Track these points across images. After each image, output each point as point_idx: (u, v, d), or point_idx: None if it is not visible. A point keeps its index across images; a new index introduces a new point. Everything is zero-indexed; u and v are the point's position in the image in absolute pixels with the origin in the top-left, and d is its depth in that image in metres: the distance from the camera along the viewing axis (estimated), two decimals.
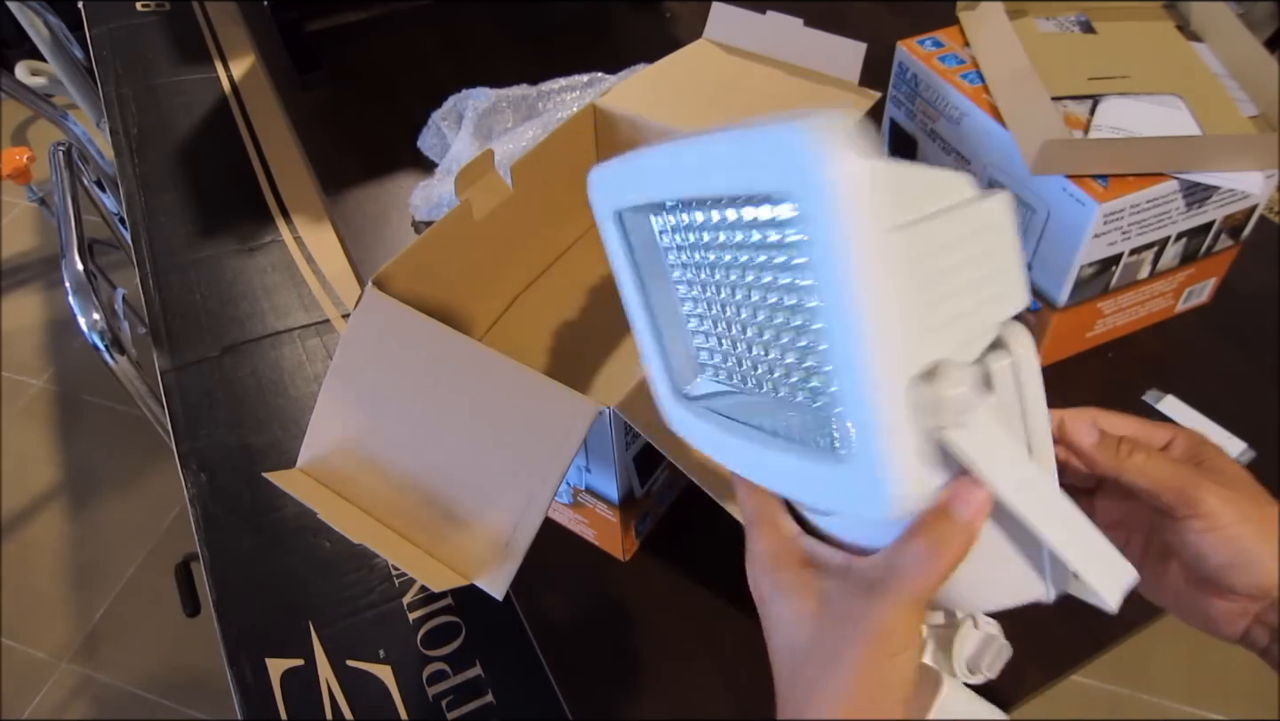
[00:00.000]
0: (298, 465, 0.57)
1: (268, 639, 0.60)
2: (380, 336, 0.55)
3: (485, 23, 1.15)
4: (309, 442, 0.57)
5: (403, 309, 0.55)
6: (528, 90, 0.94)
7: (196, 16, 1.16)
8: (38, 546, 1.57)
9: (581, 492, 0.59)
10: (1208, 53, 0.74)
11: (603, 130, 0.72)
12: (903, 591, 0.32)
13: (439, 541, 0.51)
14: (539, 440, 0.49)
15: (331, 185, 0.93)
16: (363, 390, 0.56)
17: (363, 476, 0.54)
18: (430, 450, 0.53)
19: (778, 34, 0.73)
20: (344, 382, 0.56)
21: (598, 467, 0.56)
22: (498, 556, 0.49)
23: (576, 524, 0.64)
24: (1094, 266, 0.68)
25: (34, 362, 1.85)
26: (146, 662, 1.42)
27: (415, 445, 0.53)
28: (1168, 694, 1.34)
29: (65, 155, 1.07)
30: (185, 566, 1.10)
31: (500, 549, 0.50)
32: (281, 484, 0.53)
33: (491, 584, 0.49)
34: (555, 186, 0.71)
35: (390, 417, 0.54)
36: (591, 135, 0.73)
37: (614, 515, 0.58)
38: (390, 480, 0.53)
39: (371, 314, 0.56)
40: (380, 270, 0.56)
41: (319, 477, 0.56)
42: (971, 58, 0.76)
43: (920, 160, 0.80)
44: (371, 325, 0.56)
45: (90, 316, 0.86)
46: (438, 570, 0.50)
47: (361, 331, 0.56)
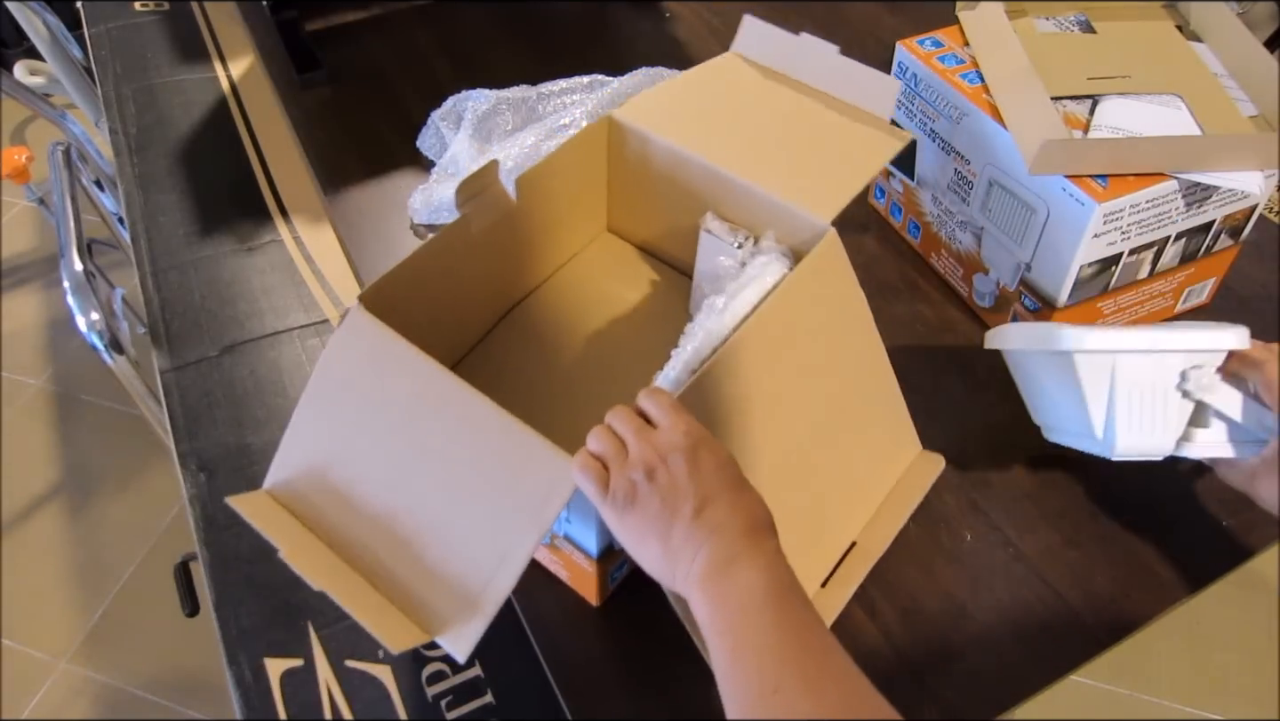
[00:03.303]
0: (265, 486, 0.54)
1: (267, 639, 0.60)
2: (362, 360, 0.53)
3: (485, 23, 1.15)
4: (279, 463, 0.54)
5: (388, 334, 0.52)
6: (527, 91, 0.94)
7: (195, 16, 1.16)
8: (37, 546, 1.57)
9: (559, 538, 0.58)
10: (1207, 53, 0.74)
11: (615, 144, 0.70)
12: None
13: (403, 590, 0.49)
14: (518, 497, 0.47)
15: (331, 185, 0.93)
16: (339, 414, 0.53)
17: (331, 507, 0.52)
18: (404, 489, 0.50)
19: (810, 58, 0.69)
20: (320, 404, 0.53)
21: (579, 520, 0.54)
22: (465, 613, 0.47)
23: (551, 564, 0.62)
24: (1094, 266, 0.68)
25: (33, 362, 1.84)
26: (146, 662, 1.42)
27: (388, 481, 0.51)
28: (1168, 694, 1.34)
29: (64, 155, 1.07)
30: (184, 566, 1.10)
31: (468, 605, 0.47)
32: (245, 511, 0.51)
33: (456, 642, 0.47)
34: (560, 199, 0.69)
35: (365, 448, 0.52)
36: (604, 148, 0.71)
37: (591, 566, 0.57)
38: (359, 514, 0.51)
39: (355, 335, 0.53)
40: (369, 286, 0.54)
41: (285, 503, 0.53)
42: (971, 57, 0.75)
43: (918, 159, 0.80)
44: (354, 347, 0.53)
45: (89, 316, 0.86)
46: (398, 625, 0.48)
47: (343, 352, 0.53)
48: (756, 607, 0.42)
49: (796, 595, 0.43)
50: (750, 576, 0.43)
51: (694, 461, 0.45)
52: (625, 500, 0.45)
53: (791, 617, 0.42)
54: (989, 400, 0.72)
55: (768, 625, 0.42)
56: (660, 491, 0.45)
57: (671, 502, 0.44)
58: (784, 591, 0.43)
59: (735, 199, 0.65)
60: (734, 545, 0.44)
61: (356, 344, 0.53)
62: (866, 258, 0.86)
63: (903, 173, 0.83)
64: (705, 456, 0.46)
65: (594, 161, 0.71)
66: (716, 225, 0.65)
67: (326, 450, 0.53)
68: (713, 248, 0.66)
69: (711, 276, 0.66)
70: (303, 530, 0.52)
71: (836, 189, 0.61)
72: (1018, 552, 0.64)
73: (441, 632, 0.48)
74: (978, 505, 0.67)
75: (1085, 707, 1.32)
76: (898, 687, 0.52)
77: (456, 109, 0.95)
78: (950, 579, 0.63)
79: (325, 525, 0.52)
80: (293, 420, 0.54)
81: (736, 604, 0.42)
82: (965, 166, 0.74)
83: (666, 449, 0.46)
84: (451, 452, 0.49)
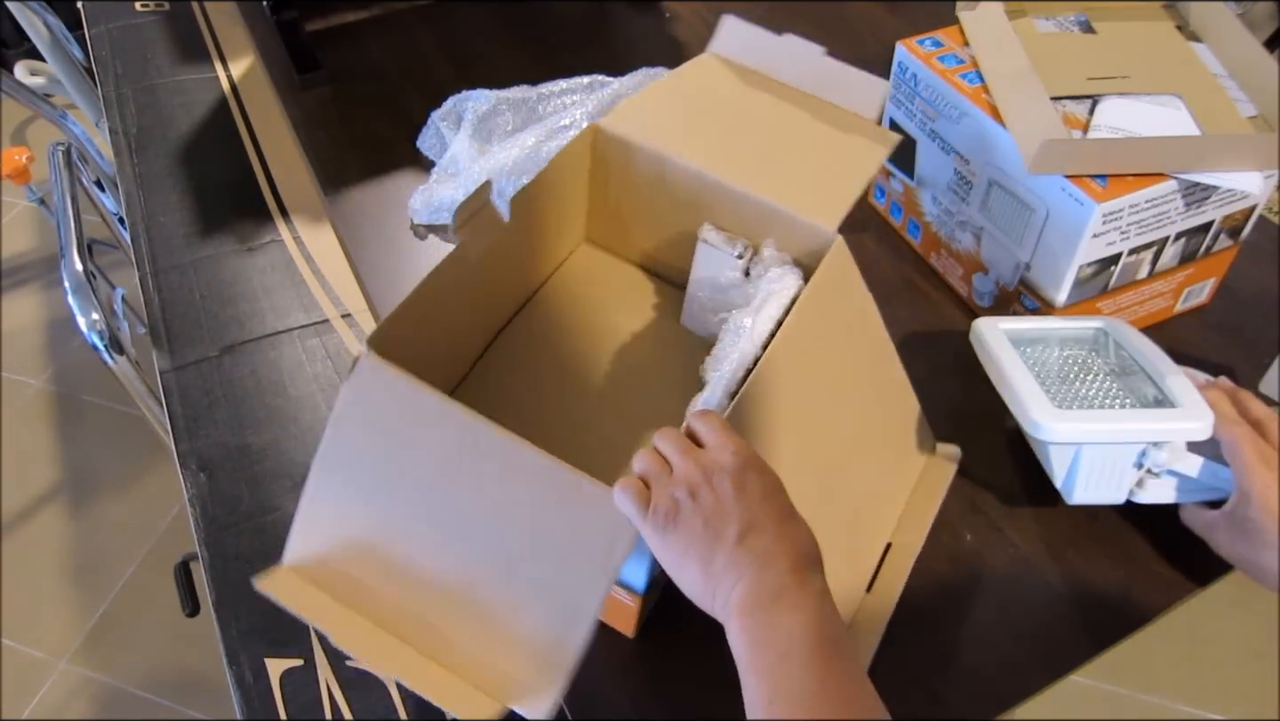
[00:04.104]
0: (284, 561, 0.50)
1: (267, 639, 0.60)
2: (381, 411, 0.49)
3: (485, 23, 1.15)
4: (299, 534, 0.50)
5: (408, 381, 0.48)
6: (528, 92, 0.94)
7: (196, 16, 1.16)
8: (37, 546, 1.57)
9: None
10: (1207, 53, 0.74)
11: (599, 152, 0.68)
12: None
13: (466, 657, 0.45)
14: (580, 545, 0.44)
15: (331, 185, 0.93)
16: (363, 474, 0.49)
17: (369, 577, 0.48)
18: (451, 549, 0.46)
19: (794, 59, 0.67)
20: (340, 464, 0.49)
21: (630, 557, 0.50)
22: (541, 675, 0.44)
23: None
24: (1093, 266, 0.68)
25: (34, 362, 1.84)
26: (146, 662, 1.42)
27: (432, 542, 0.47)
28: (1168, 694, 1.34)
29: (64, 155, 1.07)
30: (185, 566, 1.10)
31: (543, 666, 0.44)
32: (277, 594, 0.47)
33: (534, 706, 0.44)
34: (549, 215, 0.67)
35: (400, 507, 0.48)
36: (588, 157, 0.68)
37: (634, 601, 0.55)
38: (403, 581, 0.47)
39: (369, 385, 0.48)
40: (376, 331, 0.51)
41: (313, 579, 0.49)
42: (971, 57, 0.75)
43: (918, 158, 0.80)
44: (370, 398, 0.49)
45: (89, 316, 0.86)
46: (467, 695, 0.44)
47: (359, 405, 0.49)
48: (798, 657, 0.40)
49: (841, 645, 0.41)
50: (794, 620, 0.41)
51: (741, 483, 0.44)
52: (666, 518, 0.43)
53: (834, 671, 0.40)
54: (989, 400, 0.72)
55: (809, 678, 0.40)
56: (704, 511, 0.43)
57: (715, 524, 0.43)
58: (828, 641, 0.41)
59: (729, 206, 0.63)
60: (780, 579, 0.42)
61: (372, 394, 0.49)
62: (866, 257, 0.85)
63: (902, 172, 0.83)
64: (753, 479, 0.44)
65: (579, 172, 0.69)
66: (714, 235, 0.64)
67: (355, 514, 0.49)
68: (711, 258, 0.65)
69: (713, 287, 0.65)
70: (343, 607, 0.48)
71: (837, 194, 0.60)
72: (1018, 553, 0.64)
73: (519, 699, 0.44)
74: (978, 505, 0.67)
75: (1085, 707, 1.32)
76: (898, 687, 0.52)
77: (456, 109, 0.95)
78: (951, 579, 0.63)
79: (365, 597, 0.48)
80: (309, 484, 0.50)
81: (777, 650, 0.40)
82: (965, 166, 0.74)
83: (713, 468, 0.44)
84: (499, 505, 0.46)
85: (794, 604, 0.41)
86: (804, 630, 0.41)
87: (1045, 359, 0.66)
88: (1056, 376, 0.64)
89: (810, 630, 0.41)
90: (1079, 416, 0.59)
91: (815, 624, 0.41)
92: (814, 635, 0.40)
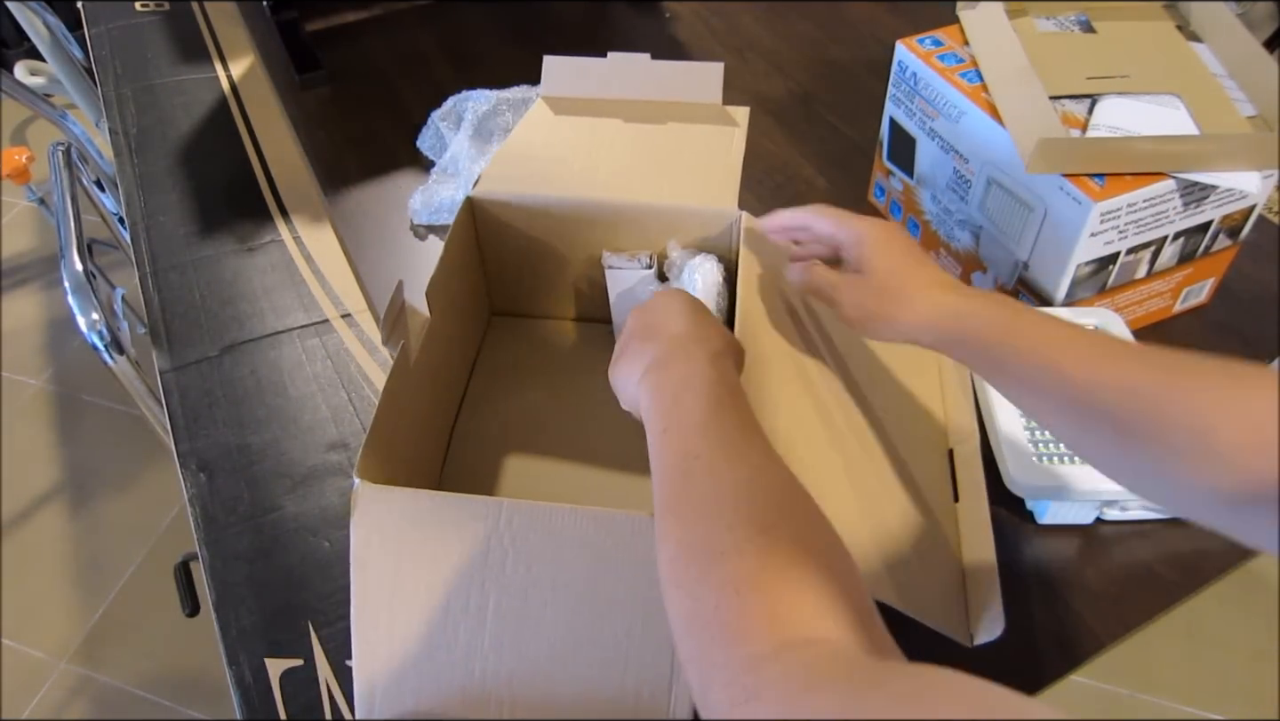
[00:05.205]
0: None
1: (267, 639, 0.60)
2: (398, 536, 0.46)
3: (485, 23, 1.15)
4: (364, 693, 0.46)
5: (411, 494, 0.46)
6: (528, 92, 0.94)
7: (196, 16, 1.16)
8: (37, 546, 1.57)
9: None
10: (1207, 53, 0.74)
11: (481, 221, 0.67)
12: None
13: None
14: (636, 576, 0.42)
15: (331, 185, 0.93)
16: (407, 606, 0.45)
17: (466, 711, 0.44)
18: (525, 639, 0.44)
19: (624, 73, 0.69)
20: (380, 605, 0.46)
21: None
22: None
23: None
24: (1091, 265, 0.68)
25: (33, 362, 1.85)
26: (146, 662, 1.42)
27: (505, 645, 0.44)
28: (1168, 694, 1.34)
29: (64, 155, 1.07)
30: (185, 566, 1.10)
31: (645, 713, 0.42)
32: None
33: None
34: (455, 299, 0.66)
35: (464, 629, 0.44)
36: (472, 230, 0.68)
37: None
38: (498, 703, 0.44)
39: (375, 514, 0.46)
40: (361, 459, 0.48)
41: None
42: (971, 56, 0.76)
43: (917, 157, 0.80)
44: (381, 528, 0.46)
45: (89, 316, 0.86)
46: None
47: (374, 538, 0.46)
48: (690, 396, 0.43)
49: (734, 391, 0.44)
50: (689, 369, 0.45)
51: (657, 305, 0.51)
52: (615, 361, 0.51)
53: (726, 407, 0.43)
54: None
55: (700, 407, 0.43)
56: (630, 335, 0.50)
57: (633, 341, 0.49)
58: (719, 383, 0.44)
59: (625, 226, 0.64)
60: (681, 351, 0.46)
61: (382, 523, 0.46)
62: None
63: (902, 171, 0.84)
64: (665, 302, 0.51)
65: (471, 249, 0.69)
66: (615, 258, 0.65)
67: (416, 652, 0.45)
68: (621, 279, 0.65)
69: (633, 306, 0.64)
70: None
71: (720, 176, 0.62)
72: (1017, 552, 0.64)
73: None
74: None
75: (1085, 707, 1.32)
76: None
77: (456, 109, 0.95)
78: None
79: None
80: (357, 641, 0.47)
81: (671, 393, 0.44)
82: (964, 165, 0.74)
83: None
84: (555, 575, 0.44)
85: (691, 357, 0.46)
86: (699, 378, 0.44)
87: None
88: None
89: (702, 377, 0.44)
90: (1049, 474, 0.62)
91: (705, 372, 0.45)
92: (705, 381, 0.44)
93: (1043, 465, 0.62)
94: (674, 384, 0.45)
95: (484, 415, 0.68)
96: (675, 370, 0.46)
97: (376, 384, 0.74)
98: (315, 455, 0.70)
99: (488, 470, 0.65)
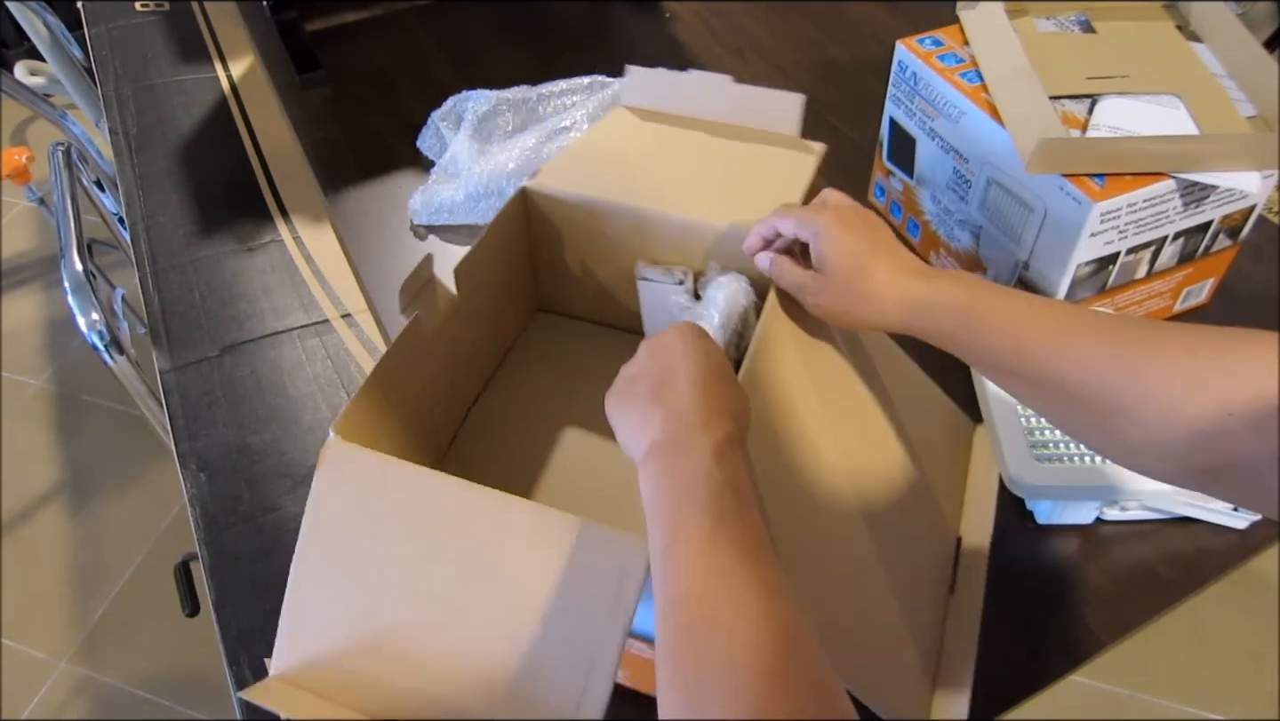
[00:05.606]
0: (274, 670, 0.47)
1: (267, 639, 0.60)
2: (357, 496, 0.47)
3: (485, 23, 1.15)
4: (287, 640, 0.47)
5: (380, 459, 0.46)
6: (528, 92, 0.94)
7: (196, 16, 1.16)
8: (37, 546, 1.57)
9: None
10: (1207, 53, 0.74)
11: (532, 213, 0.67)
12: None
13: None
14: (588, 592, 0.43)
15: (331, 185, 0.93)
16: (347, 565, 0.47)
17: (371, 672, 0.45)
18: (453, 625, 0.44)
19: (705, 92, 0.68)
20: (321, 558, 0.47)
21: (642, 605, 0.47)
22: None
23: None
24: (1091, 265, 0.68)
25: (33, 362, 1.85)
26: (146, 662, 1.42)
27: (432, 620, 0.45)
28: (1168, 694, 1.34)
29: (64, 155, 1.07)
30: (185, 566, 1.10)
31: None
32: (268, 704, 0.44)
33: None
34: (496, 283, 0.66)
35: (392, 593, 0.46)
36: (524, 219, 0.67)
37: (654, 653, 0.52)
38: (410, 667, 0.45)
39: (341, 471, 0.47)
40: (341, 415, 0.49)
41: (312, 683, 0.46)
42: (971, 57, 0.76)
43: (917, 157, 0.80)
44: (343, 484, 0.47)
45: (89, 316, 0.86)
46: None
47: (332, 492, 0.48)
48: (696, 502, 0.40)
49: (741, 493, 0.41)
50: (695, 464, 0.41)
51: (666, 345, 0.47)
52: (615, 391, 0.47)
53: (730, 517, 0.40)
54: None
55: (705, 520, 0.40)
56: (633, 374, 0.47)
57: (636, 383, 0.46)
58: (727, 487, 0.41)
59: (672, 240, 0.63)
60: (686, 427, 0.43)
61: (345, 480, 0.47)
62: None
63: (902, 171, 0.84)
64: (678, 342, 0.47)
65: (518, 239, 0.68)
66: (651, 270, 0.64)
67: (346, 607, 0.46)
68: (654, 292, 0.64)
69: (664, 319, 0.64)
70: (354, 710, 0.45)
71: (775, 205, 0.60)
72: (1018, 553, 0.64)
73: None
74: None
75: (1085, 707, 1.32)
76: None
77: (456, 109, 0.95)
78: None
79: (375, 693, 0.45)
80: (291, 586, 0.48)
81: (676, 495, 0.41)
82: (964, 165, 0.74)
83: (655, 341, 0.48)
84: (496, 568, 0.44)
85: (697, 450, 0.42)
86: (703, 481, 0.41)
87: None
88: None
89: (706, 481, 0.41)
90: (1049, 473, 0.62)
91: (711, 473, 0.41)
92: (710, 487, 0.41)
93: (1043, 465, 0.62)
94: (678, 486, 0.41)
95: (505, 400, 0.68)
96: (679, 466, 0.42)
97: None
98: (315, 455, 0.69)
99: (495, 451, 0.65)
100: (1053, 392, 0.43)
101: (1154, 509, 0.64)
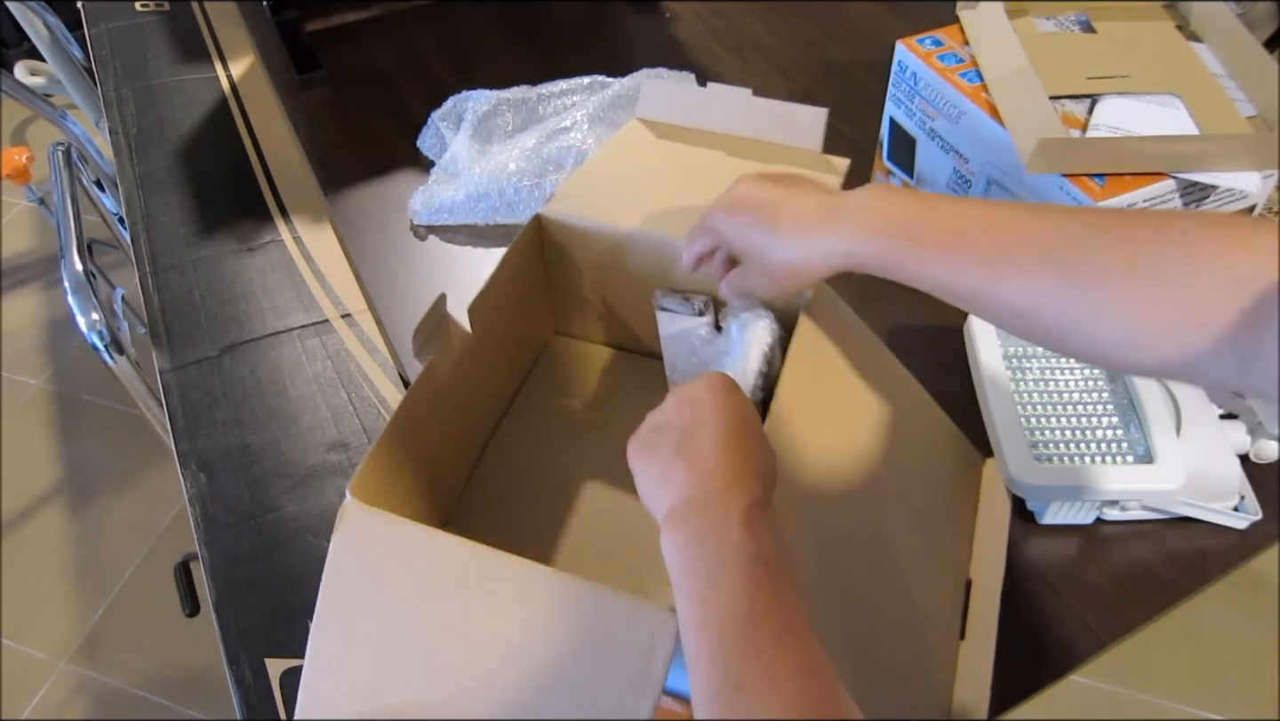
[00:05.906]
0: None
1: (267, 639, 0.60)
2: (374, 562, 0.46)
3: (485, 23, 1.15)
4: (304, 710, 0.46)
5: (395, 522, 0.45)
6: (528, 92, 0.94)
7: (196, 16, 1.16)
8: (37, 546, 1.57)
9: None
10: (1207, 53, 0.74)
11: (549, 240, 0.65)
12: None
13: None
14: (617, 666, 0.41)
15: (331, 185, 0.93)
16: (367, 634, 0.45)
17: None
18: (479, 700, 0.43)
19: (724, 105, 0.65)
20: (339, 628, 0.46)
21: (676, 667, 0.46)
22: None
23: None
24: None
25: (33, 362, 1.85)
26: (146, 662, 1.42)
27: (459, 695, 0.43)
28: (1168, 694, 1.34)
29: (64, 155, 1.07)
30: (185, 566, 1.10)
31: None
32: None
33: None
34: (512, 315, 0.64)
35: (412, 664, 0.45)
36: (539, 247, 0.65)
37: (685, 710, 0.50)
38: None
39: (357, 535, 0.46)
40: (357, 475, 0.48)
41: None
42: (971, 56, 0.76)
43: (917, 157, 0.80)
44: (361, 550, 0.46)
45: (89, 316, 0.86)
46: None
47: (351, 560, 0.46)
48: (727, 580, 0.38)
49: (773, 564, 0.39)
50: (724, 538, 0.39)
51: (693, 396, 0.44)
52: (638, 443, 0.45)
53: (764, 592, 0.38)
54: None
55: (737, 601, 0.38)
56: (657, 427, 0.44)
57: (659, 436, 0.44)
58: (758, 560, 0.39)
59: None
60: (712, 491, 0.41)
61: (362, 547, 0.46)
62: None
63: (902, 171, 0.84)
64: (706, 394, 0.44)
65: (533, 266, 0.66)
66: (669, 299, 0.62)
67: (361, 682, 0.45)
68: (672, 322, 0.62)
69: (687, 349, 0.62)
70: None
71: None
72: (1018, 553, 0.64)
73: None
74: None
75: (1085, 707, 1.32)
76: None
77: (456, 109, 0.95)
78: None
79: None
80: (310, 655, 0.47)
81: (706, 571, 0.39)
82: (964, 165, 0.74)
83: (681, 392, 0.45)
84: (525, 641, 0.43)
85: (723, 517, 0.39)
86: (734, 554, 0.39)
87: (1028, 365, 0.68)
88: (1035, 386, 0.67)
89: (737, 554, 0.39)
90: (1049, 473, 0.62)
91: (742, 545, 0.39)
92: (740, 560, 0.39)
93: (1042, 465, 0.62)
94: (707, 560, 0.39)
95: (522, 436, 0.66)
96: (706, 538, 0.40)
97: (376, 384, 0.74)
98: (315, 455, 0.70)
99: (512, 491, 0.63)
100: (1004, 318, 0.43)
101: (1154, 509, 0.64)
